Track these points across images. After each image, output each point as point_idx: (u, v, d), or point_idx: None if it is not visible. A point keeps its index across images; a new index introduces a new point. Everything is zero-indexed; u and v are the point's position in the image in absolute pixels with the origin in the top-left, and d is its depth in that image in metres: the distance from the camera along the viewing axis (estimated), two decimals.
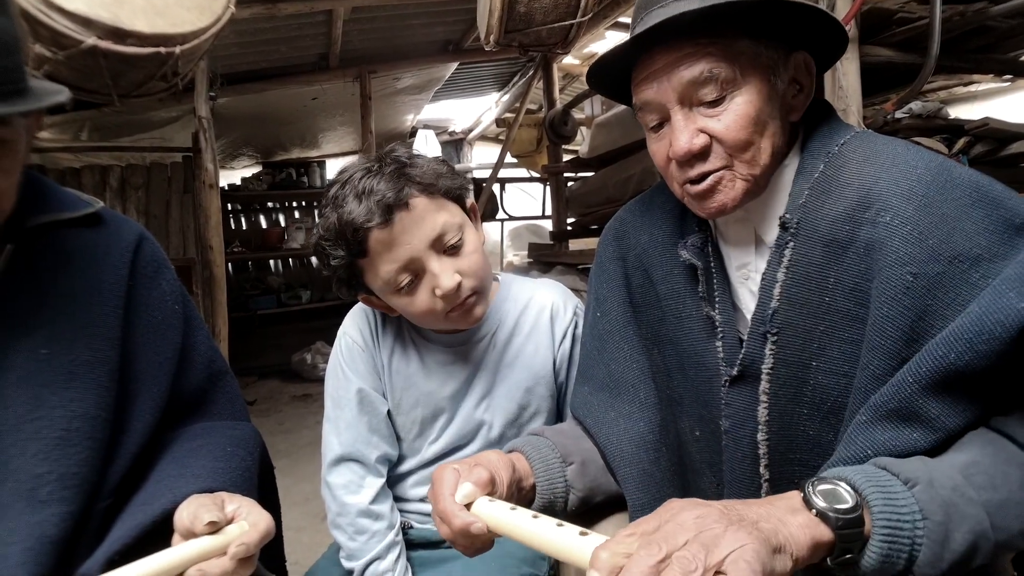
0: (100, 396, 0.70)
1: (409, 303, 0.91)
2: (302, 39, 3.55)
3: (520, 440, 0.81)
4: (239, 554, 0.58)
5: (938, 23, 1.52)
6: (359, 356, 1.01)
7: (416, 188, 0.87)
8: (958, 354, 0.55)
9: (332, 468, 1.00)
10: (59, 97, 0.62)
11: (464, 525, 0.62)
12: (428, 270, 0.88)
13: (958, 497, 0.53)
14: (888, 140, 0.72)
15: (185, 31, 1.95)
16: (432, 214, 0.88)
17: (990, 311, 0.55)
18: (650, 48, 0.71)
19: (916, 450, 0.58)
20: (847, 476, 0.54)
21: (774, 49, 0.71)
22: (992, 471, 0.55)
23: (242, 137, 4.90)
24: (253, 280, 5.30)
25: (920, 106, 2.15)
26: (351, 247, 0.87)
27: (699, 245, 0.79)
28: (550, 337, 1.02)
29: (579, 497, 0.77)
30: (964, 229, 0.61)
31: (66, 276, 0.72)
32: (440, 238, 0.88)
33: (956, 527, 0.51)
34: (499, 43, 2.44)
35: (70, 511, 0.65)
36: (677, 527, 0.47)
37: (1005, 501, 0.54)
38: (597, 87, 0.82)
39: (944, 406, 0.58)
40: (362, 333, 1.03)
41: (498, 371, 1.01)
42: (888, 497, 0.51)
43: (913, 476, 0.53)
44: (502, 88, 5.51)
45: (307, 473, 2.79)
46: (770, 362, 0.71)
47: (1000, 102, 5.35)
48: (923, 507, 0.51)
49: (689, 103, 0.70)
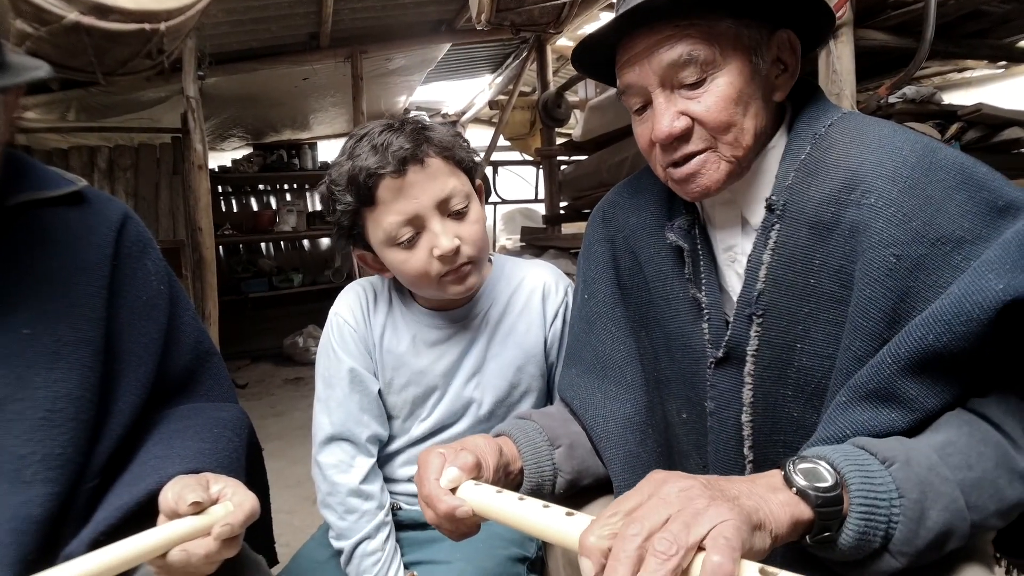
0: (84, 376, 0.69)
1: (405, 260, 0.91)
2: (292, 17, 3.49)
3: (507, 424, 0.81)
4: (223, 534, 0.58)
5: (933, 7, 1.51)
6: (350, 336, 1.02)
7: (433, 149, 0.90)
8: (936, 335, 0.56)
9: (322, 448, 1.00)
10: (38, 72, 0.61)
11: (449, 509, 0.62)
12: (430, 229, 0.89)
13: (934, 476, 0.53)
14: (875, 121, 0.72)
15: (170, 7, 1.92)
16: (444, 176, 0.90)
17: (969, 293, 0.55)
18: (631, 31, 0.71)
19: (894, 430, 0.59)
20: (826, 455, 0.54)
21: (756, 28, 0.70)
22: (967, 451, 0.55)
23: (232, 118, 4.84)
24: (244, 263, 5.26)
25: (914, 91, 2.15)
26: (360, 193, 0.88)
27: (686, 227, 0.79)
28: (541, 317, 1.03)
29: (567, 480, 0.78)
30: (948, 211, 0.61)
31: (49, 255, 0.71)
32: (447, 200, 0.90)
33: (931, 505, 0.52)
34: (491, 22, 2.42)
35: (55, 492, 0.65)
36: (659, 502, 0.47)
37: (979, 480, 0.54)
38: (582, 69, 0.81)
39: (922, 387, 0.58)
40: (353, 313, 1.03)
41: (489, 349, 1.02)
42: (865, 475, 0.52)
43: (890, 455, 0.54)
44: (495, 70, 5.45)
45: (299, 456, 2.80)
46: (755, 344, 0.71)
47: (994, 88, 5.35)
48: (899, 485, 0.52)
49: (670, 86, 0.70)
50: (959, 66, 4.74)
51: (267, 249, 5.52)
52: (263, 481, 0.90)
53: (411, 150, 0.87)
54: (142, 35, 1.91)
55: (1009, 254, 0.56)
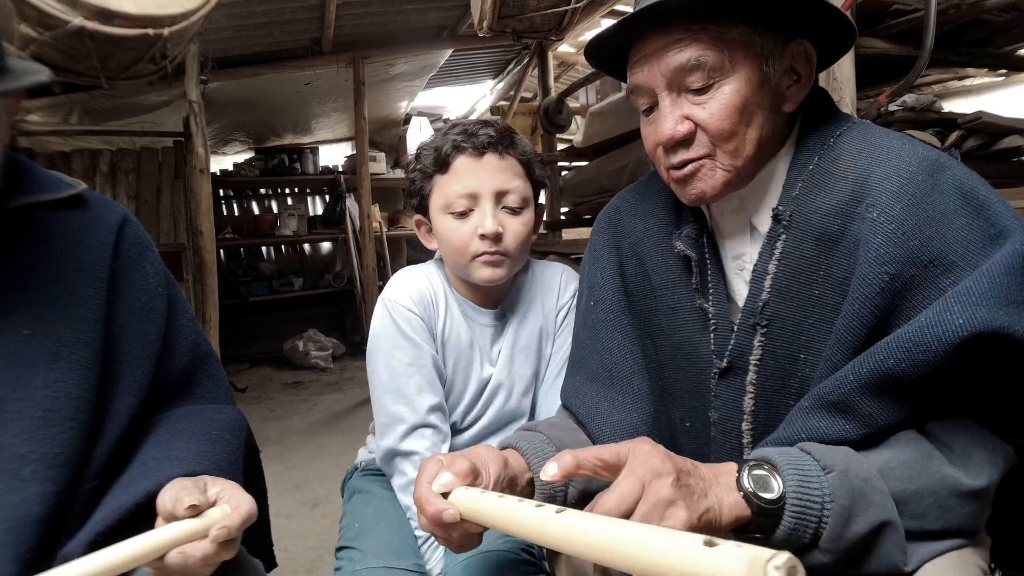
0: (83, 377, 0.69)
1: (453, 229, 1.00)
2: (295, 23, 3.51)
3: (513, 436, 0.80)
4: (220, 537, 0.58)
5: (933, 16, 1.51)
6: (419, 324, 1.04)
7: (515, 152, 1.01)
8: (896, 360, 0.59)
9: (405, 437, 1.00)
10: (38, 77, 0.61)
11: (436, 511, 0.61)
12: (481, 208, 0.98)
13: (868, 487, 0.57)
14: (884, 132, 0.71)
15: (173, 12, 1.93)
16: (512, 174, 1.00)
17: (931, 324, 0.57)
18: (645, 30, 0.71)
19: (846, 440, 0.62)
20: (771, 457, 0.59)
21: (771, 37, 0.69)
22: (911, 465, 0.59)
23: (234, 122, 4.85)
24: (245, 267, 5.27)
25: (914, 99, 2.15)
26: (438, 160, 1.00)
27: (694, 236, 0.78)
28: (554, 314, 1.11)
29: (578, 490, 0.77)
30: (944, 235, 0.62)
31: (49, 257, 0.72)
32: (506, 194, 0.99)
33: (860, 512, 0.56)
34: (493, 29, 2.43)
35: (54, 491, 0.65)
36: (635, 484, 0.55)
37: (918, 492, 0.58)
38: (596, 64, 0.81)
39: (878, 405, 0.61)
40: (414, 302, 1.04)
41: (516, 344, 1.09)
42: (802, 479, 0.57)
43: (831, 463, 0.58)
44: (497, 76, 5.47)
45: (297, 460, 2.79)
46: (758, 353, 0.71)
47: (994, 96, 5.35)
48: (832, 491, 0.56)
49: (677, 89, 0.70)
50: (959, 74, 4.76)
51: (268, 253, 5.53)
52: (261, 484, 0.89)
53: (496, 140, 0.99)
54: (146, 40, 1.92)
55: (979, 286, 0.57)
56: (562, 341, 1.10)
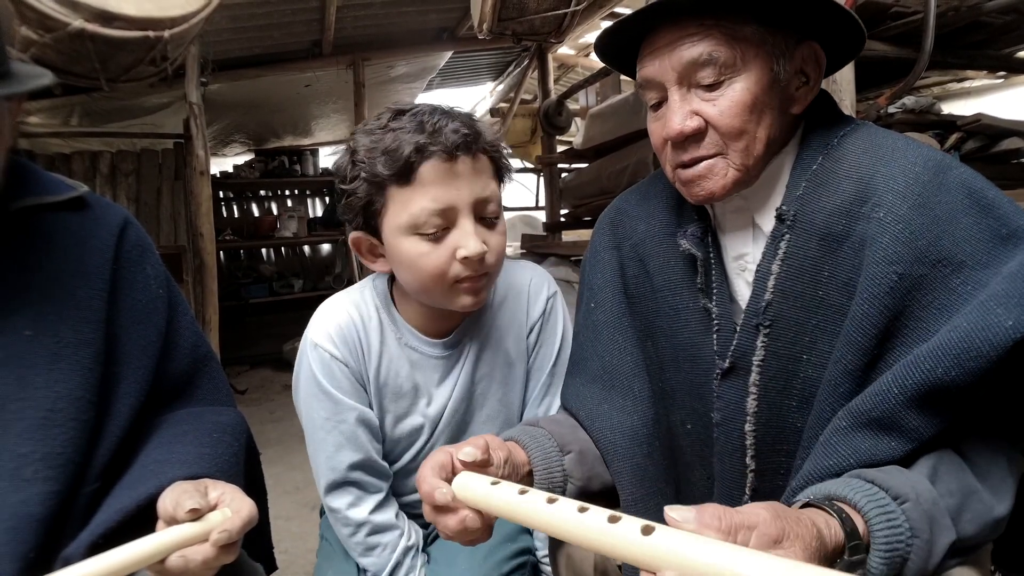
0: (84, 377, 0.69)
1: (424, 255, 0.82)
2: (295, 25, 3.51)
3: (515, 430, 0.80)
4: (221, 540, 0.58)
5: (932, 18, 1.52)
6: (340, 372, 0.90)
7: (486, 146, 0.84)
8: (945, 369, 0.56)
9: (329, 493, 0.94)
10: (42, 81, 0.62)
11: (429, 489, 0.61)
12: (460, 227, 0.82)
13: (936, 511, 0.55)
14: (888, 133, 0.71)
15: (174, 15, 1.93)
16: (488, 179, 0.85)
17: (978, 328, 0.55)
18: (656, 25, 0.70)
19: (892, 459, 0.60)
20: (843, 495, 0.55)
21: (783, 37, 0.69)
22: (948, 479, 0.58)
23: (234, 124, 4.85)
24: (245, 268, 5.26)
25: (913, 101, 2.16)
26: (398, 167, 0.79)
27: (699, 235, 0.78)
28: (525, 328, 1.00)
29: (577, 486, 0.77)
30: (952, 234, 0.62)
31: (50, 259, 0.72)
32: (485, 203, 0.84)
33: (937, 540, 0.54)
34: (493, 31, 2.43)
35: (55, 491, 0.65)
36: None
37: (960, 505, 0.57)
38: (605, 59, 0.81)
39: (923, 418, 0.59)
40: (336, 344, 0.90)
41: (477, 370, 0.98)
42: (889, 520, 0.54)
43: (902, 492, 0.55)
44: (497, 77, 5.47)
45: (297, 462, 2.79)
46: (761, 354, 0.71)
47: (993, 98, 5.36)
48: (913, 525, 0.54)
49: (687, 84, 0.70)
50: (958, 76, 4.76)
51: (268, 255, 5.52)
52: (261, 486, 0.89)
53: (469, 137, 0.80)
54: (146, 42, 1.92)
55: (1016, 287, 0.56)
56: (543, 358, 1.00)
